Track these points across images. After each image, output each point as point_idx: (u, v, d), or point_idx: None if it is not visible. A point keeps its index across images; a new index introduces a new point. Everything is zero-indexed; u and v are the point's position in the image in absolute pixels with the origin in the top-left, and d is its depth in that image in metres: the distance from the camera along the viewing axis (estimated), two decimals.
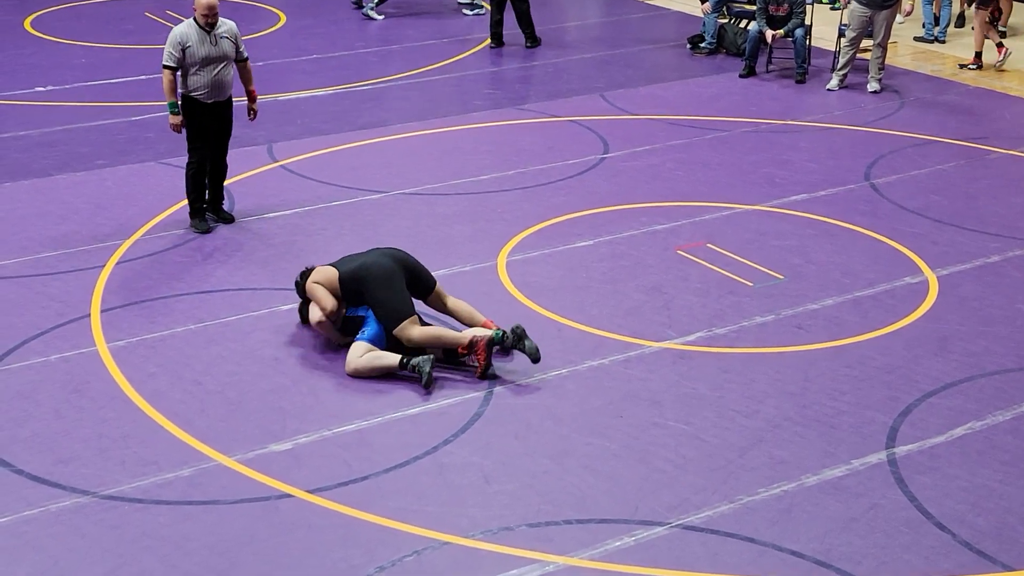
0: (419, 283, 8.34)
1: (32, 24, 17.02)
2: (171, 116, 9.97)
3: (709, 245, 10.04)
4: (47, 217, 10.50)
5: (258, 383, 7.96)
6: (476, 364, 8.00)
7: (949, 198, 11.12)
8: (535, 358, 7.99)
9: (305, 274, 8.47)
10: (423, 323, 8.19)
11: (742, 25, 15.95)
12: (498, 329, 8.07)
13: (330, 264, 8.42)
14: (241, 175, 11.32)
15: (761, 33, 14.64)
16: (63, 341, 8.44)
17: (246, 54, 10.17)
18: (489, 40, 16.16)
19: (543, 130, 12.90)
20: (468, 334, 8.07)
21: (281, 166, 11.78)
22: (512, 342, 7.97)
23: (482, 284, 9.34)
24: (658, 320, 8.82)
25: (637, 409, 7.70)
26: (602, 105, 13.74)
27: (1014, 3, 17.12)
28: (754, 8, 15.10)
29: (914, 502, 6.82)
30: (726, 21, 16.13)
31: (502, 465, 7.12)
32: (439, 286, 8.45)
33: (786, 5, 14.63)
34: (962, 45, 16.42)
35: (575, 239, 10.15)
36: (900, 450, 7.30)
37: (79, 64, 15.10)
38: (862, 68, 14.63)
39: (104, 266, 9.58)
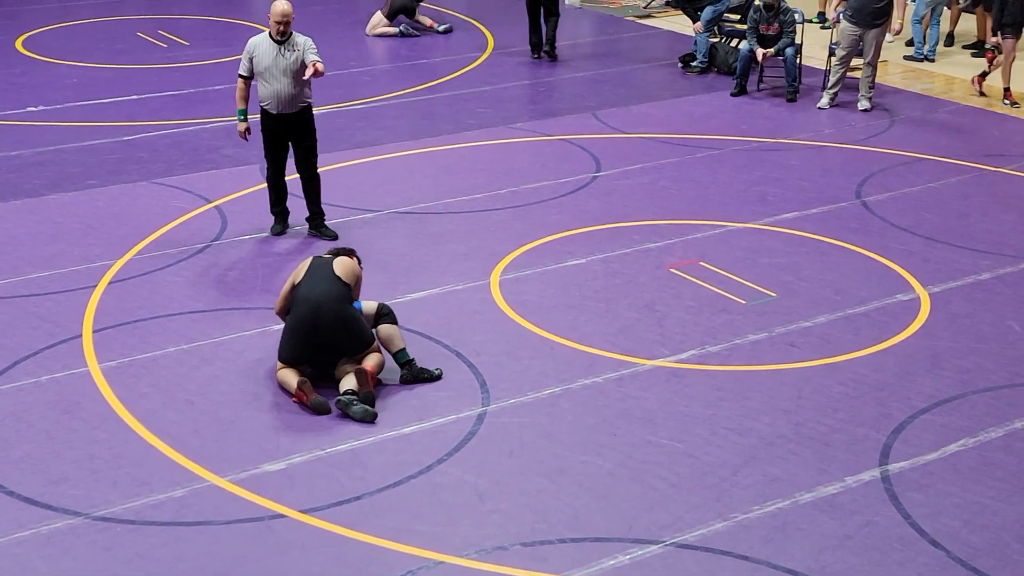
0: (335, 346, 8.02)
1: (24, 44, 17.02)
2: (238, 123, 10.25)
3: (701, 263, 10.05)
4: (38, 237, 10.49)
5: (251, 403, 7.95)
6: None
7: (940, 215, 11.14)
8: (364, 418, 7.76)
9: (335, 251, 8.47)
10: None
11: (733, 44, 16.00)
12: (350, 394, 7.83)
13: (314, 259, 8.32)
14: (234, 194, 11.32)
15: (752, 52, 14.68)
16: (54, 362, 8.42)
17: (315, 57, 9.88)
18: (531, 52, 16.44)
19: (535, 149, 12.92)
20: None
21: None
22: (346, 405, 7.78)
23: (475, 303, 9.34)
24: (651, 338, 8.82)
25: (631, 427, 7.70)
26: (594, 124, 13.76)
27: None
28: (745, 27, 15.15)
29: (908, 519, 6.82)
30: (717, 40, 16.18)
31: (496, 484, 7.11)
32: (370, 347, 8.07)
33: (776, 24, 14.67)
34: (951, 63, 16.48)
35: (568, 257, 10.16)
36: (893, 467, 7.30)
37: (70, 84, 15.10)
38: (852, 87, 14.67)
39: (96, 286, 9.57)
